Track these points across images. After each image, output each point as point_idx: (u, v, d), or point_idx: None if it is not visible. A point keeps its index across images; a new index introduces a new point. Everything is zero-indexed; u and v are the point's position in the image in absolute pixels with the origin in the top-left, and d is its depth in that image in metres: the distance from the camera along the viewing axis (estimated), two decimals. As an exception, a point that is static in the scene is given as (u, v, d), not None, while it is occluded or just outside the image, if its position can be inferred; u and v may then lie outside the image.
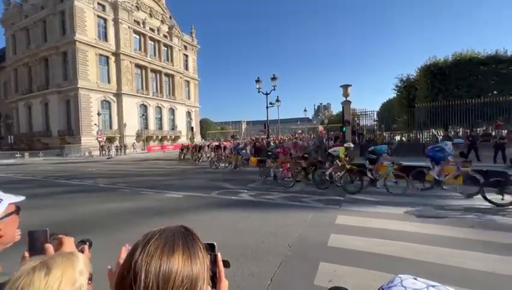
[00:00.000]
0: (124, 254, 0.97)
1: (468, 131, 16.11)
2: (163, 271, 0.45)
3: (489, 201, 5.45)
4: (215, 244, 0.62)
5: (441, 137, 19.19)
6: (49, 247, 0.90)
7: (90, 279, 0.65)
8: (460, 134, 19.23)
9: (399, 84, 25.00)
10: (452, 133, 20.68)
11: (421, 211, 5.41)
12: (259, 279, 2.97)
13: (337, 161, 8.02)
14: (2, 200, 0.94)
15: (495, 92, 16.71)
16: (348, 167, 7.78)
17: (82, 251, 1.08)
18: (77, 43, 33.03)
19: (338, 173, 7.94)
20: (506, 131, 15.51)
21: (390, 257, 3.39)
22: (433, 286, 0.37)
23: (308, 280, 2.92)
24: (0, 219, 0.93)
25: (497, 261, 3.20)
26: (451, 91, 18.18)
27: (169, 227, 0.55)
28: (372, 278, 2.90)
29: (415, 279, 0.40)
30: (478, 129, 18.26)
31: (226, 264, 0.64)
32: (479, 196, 5.67)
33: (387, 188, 7.09)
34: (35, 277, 0.53)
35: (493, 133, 15.28)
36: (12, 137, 37.50)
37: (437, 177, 6.82)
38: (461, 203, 5.86)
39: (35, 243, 0.81)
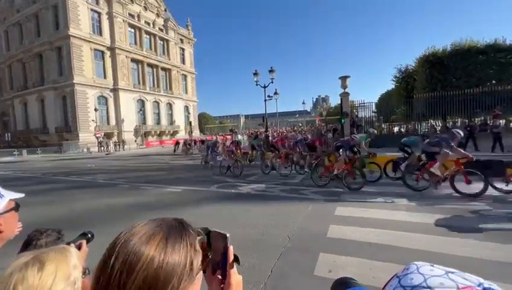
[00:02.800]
0: None
1: (467, 121, 16.14)
2: (131, 258, 0.43)
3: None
4: (227, 235, 0.58)
5: (439, 128, 19.26)
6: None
7: (84, 273, 0.64)
8: (459, 124, 19.27)
9: (397, 75, 24.87)
10: (450, 123, 20.74)
11: (418, 201, 5.45)
12: (259, 270, 3.00)
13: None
14: (3, 196, 0.97)
15: (493, 81, 16.68)
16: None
17: (80, 246, 1.07)
18: (71, 37, 32.47)
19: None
20: (503, 121, 15.57)
21: (389, 247, 3.43)
22: (452, 273, 0.35)
23: (308, 270, 2.95)
24: (1, 214, 0.95)
25: (489, 248, 3.26)
26: (449, 81, 18.13)
27: (160, 218, 0.52)
28: (372, 267, 2.94)
29: (432, 266, 0.38)
30: (476, 119, 18.30)
31: (236, 259, 0.59)
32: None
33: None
34: (28, 273, 0.52)
35: (490, 123, 15.33)
36: (9, 135, 37.27)
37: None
38: (456, 194, 5.90)
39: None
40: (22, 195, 1.04)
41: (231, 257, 0.58)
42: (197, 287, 0.50)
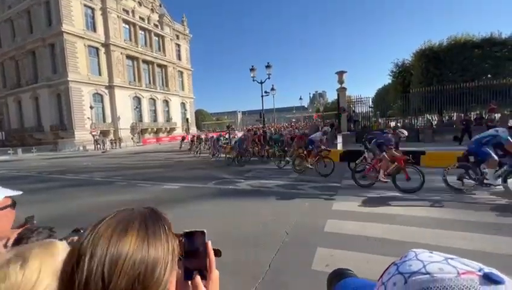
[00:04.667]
0: None
1: (462, 115, 16.25)
2: (111, 253, 0.39)
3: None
4: (205, 231, 0.56)
5: (435, 122, 19.37)
6: None
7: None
8: (455, 118, 19.40)
9: (394, 70, 24.92)
10: (446, 117, 20.88)
11: (415, 194, 5.49)
12: (257, 265, 3.00)
13: None
14: None
15: (489, 75, 16.76)
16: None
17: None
18: (64, 34, 31.90)
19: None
20: (499, 114, 15.68)
21: (386, 240, 3.45)
22: (451, 259, 0.34)
23: (305, 264, 2.97)
24: None
25: (487, 241, 3.30)
26: (445, 75, 18.20)
27: (130, 207, 0.49)
28: (369, 260, 2.96)
29: (431, 253, 0.37)
30: (472, 113, 18.45)
31: (217, 253, 0.58)
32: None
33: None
34: (10, 270, 0.50)
35: (486, 117, 15.45)
36: (3, 133, 36.78)
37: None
38: (453, 186, 5.95)
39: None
40: (19, 193, 1.00)
41: (211, 252, 0.55)
42: (176, 274, 0.48)
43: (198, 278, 0.53)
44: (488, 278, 0.30)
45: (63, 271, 0.41)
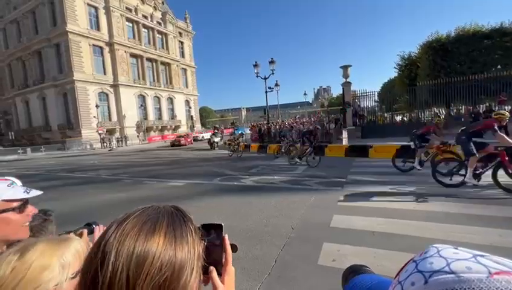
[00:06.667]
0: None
1: (471, 108, 15.89)
2: (138, 254, 0.37)
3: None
4: (222, 225, 0.54)
5: (443, 115, 19.00)
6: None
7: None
8: (463, 111, 18.99)
9: (400, 63, 24.44)
10: (454, 110, 20.45)
11: (421, 189, 5.41)
12: (263, 261, 3.00)
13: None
14: None
15: (499, 66, 16.31)
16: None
17: (80, 236, 1.03)
18: (69, 34, 32.16)
19: None
20: (509, 107, 15.29)
21: (393, 235, 3.41)
22: (481, 256, 0.30)
23: (311, 260, 2.95)
24: None
25: (496, 235, 3.23)
26: (453, 67, 17.78)
27: (156, 205, 0.46)
28: (376, 256, 2.92)
29: (456, 249, 0.33)
30: (481, 106, 18.01)
31: (234, 248, 0.57)
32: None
33: None
34: (4, 262, 0.49)
35: (495, 109, 15.07)
36: (12, 133, 37.49)
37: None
38: (459, 180, 5.84)
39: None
40: (38, 193, 0.93)
41: (228, 246, 0.55)
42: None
43: (214, 273, 0.51)
44: None
45: (86, 270, 0.38)
